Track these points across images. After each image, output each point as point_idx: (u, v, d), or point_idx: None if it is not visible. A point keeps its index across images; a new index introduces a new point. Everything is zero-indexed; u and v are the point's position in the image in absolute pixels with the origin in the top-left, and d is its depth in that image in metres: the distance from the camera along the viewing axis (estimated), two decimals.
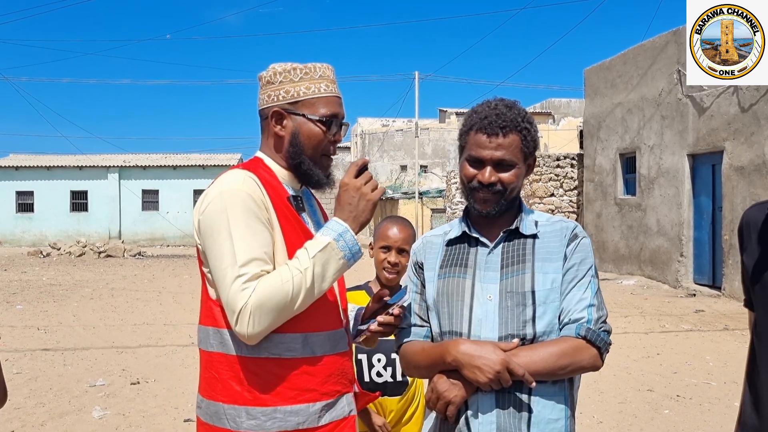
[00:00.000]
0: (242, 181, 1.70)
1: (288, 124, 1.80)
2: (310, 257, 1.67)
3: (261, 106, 1.85)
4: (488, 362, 1.58)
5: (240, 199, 1.66)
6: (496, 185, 1.70)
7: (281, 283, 1.62)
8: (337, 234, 1.71)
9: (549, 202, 18.19)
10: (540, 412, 1.63)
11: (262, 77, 1.85)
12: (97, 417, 5.30)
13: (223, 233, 1.65)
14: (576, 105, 32.54)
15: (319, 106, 1.80)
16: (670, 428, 5.02)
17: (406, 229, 2.55)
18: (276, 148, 1.83)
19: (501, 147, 1.69)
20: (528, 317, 1.65)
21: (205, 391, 1.77)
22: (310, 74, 1.81)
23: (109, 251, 25.87)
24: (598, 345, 1.65)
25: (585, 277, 1.69)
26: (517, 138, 1.70)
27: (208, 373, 1.75)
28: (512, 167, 1.71)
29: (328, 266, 1.69)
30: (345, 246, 1.71)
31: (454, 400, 1.63)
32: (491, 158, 1.69)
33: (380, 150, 34.29)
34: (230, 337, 1.69)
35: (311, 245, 1.70)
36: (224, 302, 1.64)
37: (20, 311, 11.11)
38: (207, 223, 1.69)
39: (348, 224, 1.73)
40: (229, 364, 1.70)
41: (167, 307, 11.66)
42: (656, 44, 14.10)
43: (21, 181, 34.69)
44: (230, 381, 1.70)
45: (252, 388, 1.68)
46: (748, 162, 11.38)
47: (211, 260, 1.67)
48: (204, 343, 1.77)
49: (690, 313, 10.32)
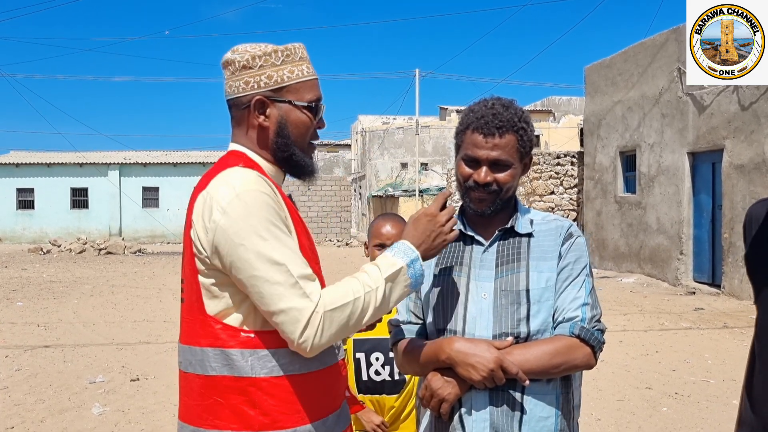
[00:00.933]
0: (255, 181, 1.54)
1: (272, 112, 1.64)
2: (383, 277, 1.57)
3: (235, 94, 1.65)
4: (482, 360, 1.58)
5: (262, 201, 1.52)
6: (491, 185, 1.69)
7: (353, 297, 1.52)
8: (409, 260, 1.61)
9: (549, 200, 18.19)
10: (532, 410, 1.64)
11: (232, 61, 1.64)
12: (97, 413, 5.32)
13: (254, 238, 1.48)
14: (576, 103, 32.51)
15: (305, 91, 1.66)
16: (669, 426, 5.03)
17: (399, 225, 2.54)
18: (259, 141, 1.66)
19: (497, 147, 1.68)
20: (522, 316, 1.66)
21: (203, 420, 1.56)
22: (291, 56, 1.65)
23: (109, 248, 25.89)
24: (591, 344, 1.65)
25: (579, 276, 1.69)
26: (514, 138, 1.70)
27: (208, 399, 1.56)
28: (508, 167, 1.70)
29: (395, 290, 1.59)
30: (414, 274, 1.61)
31: (447, 397, 1.64)
32: (487, 158, 1.69)
33: (380, 148, 34.28)
34: (240, 358, 1.52)
35: (383, 264, 1.59)
36: (279, 311, 1.47)
37: (20, 308, 11.13)
38: (231, 231, 1.49)
39: (419, 253, 1.63)
40: (239, 387, 1.53)
41: (167, 304, 11.67)
42: (656, 42, 14.09)
43: (21, 178, 34.72)
44: (241, 406, 1.53)
45: (269, 411, 1.53)
46: (748, 160, 11.38)
47: (247, 270, 1.49)
48: (196, 366, 1.57)
49: (689, 311, 10.33)
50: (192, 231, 1.58)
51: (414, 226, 1.66)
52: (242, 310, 1.55)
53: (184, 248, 1.64)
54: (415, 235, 1.65)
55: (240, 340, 1.54)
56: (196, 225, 1.56)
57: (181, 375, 1.64)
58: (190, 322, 1.60)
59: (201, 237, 1.54)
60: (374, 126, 36.07)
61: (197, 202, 1.58)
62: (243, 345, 1.54)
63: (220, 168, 1.61)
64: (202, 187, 1.60)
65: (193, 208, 1.59)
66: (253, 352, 1.54)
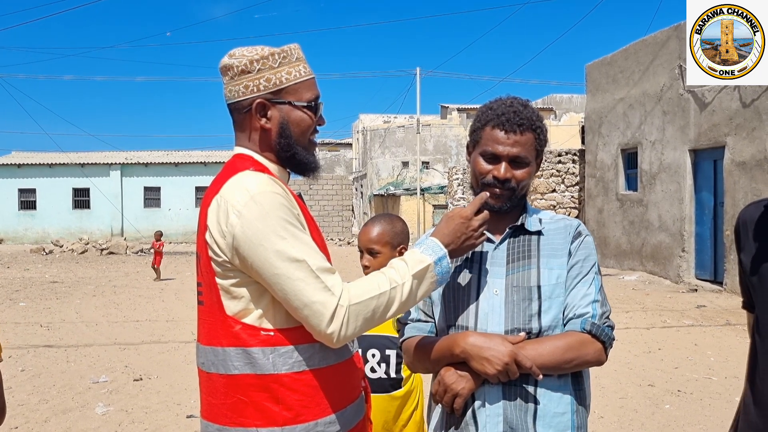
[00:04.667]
0: (268, 183, 1.57)
1: (274, 114, 1.67)
2: (410, 273, 1.60)
3: (235, 98, 1.67)
4: (497, 354, 1.59)
5: (277, 201, 1.55)
6: (510, 181, 1.72)
7: (378, 291, 1.56)
8: (437, 257, 1.64)
9: (551, 198, 18.19)
10: (546, 405, 1.65)
11: (231, 66, 1.66)
12: (100, 413, 5.33)
13: (273, 238, 1.52)
14: (578, 100, 32.49)
15: (303, 91, 1.69)
16: (671, 423, 5.04)
17: (373, 228, 2.49)
18: (262, 143, 1.69)
19: (517, 144, 1.71)
20: (534, 311, 1.67)
21: (228, 419, 1.60)
22: (288, 57, 1.68)
23: (111, 248, 25.94)
24: (602, 339, 1.67)
25: (589, 274, 1.72)
26: (532, 136, 1.73)
27: (232, 398, 1.59)
28: (526, 165, 1.73)
29: (421, 285, 1.62)
30: (440, 271, 1.64)
31: (461, 392, 1.64)
32: (508, 154, 1.71)
33: (382, 146, 34.28)
34: (262, 356, 1.56)
35: (411, 260, 1.63)
36: (303, 305, 1.51)
37: (23, 308, 11.15)
38: (249, 233, 1.52)
39: (447, 251, 1.66)
40: (263, 384, 1.57)
41: (170, 303, 11.70)
42: (657, 39, 14.08)
43: (23, 179, 34.75)
44: (265, 403, 1.57)
45: (292, 406, 1.57)
46: (750, 157, 11.37)
47: (269, 269, 1.52)
48: (219, 366, 1.61)
49: (691, 308, 10.33)
50: (207, 235, 1.60)
51: (447, 224, 1.69)
52: (261, 309, 1.58)
53: (199, 252, 1.66)
54: (446, 234, 1.68)
55: (260, 339, 1.57)
56: (212, 229, 1.58)
57: (203, 375, 1.67)
58: (211, 324, 1.63)
59: (218, 241, 1.57)
60: (375, 125, 36.06)
61: (211, 206, 1.60)
62: (263, 343, 1.57)
63: (231, 172, 1.64)
64: (215, 191, 1.62)
65: (207, 213, 1.61)
66: (274, 349, 1.57)
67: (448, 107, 36.08)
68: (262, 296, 1.58)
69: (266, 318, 1.58)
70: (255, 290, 1.58)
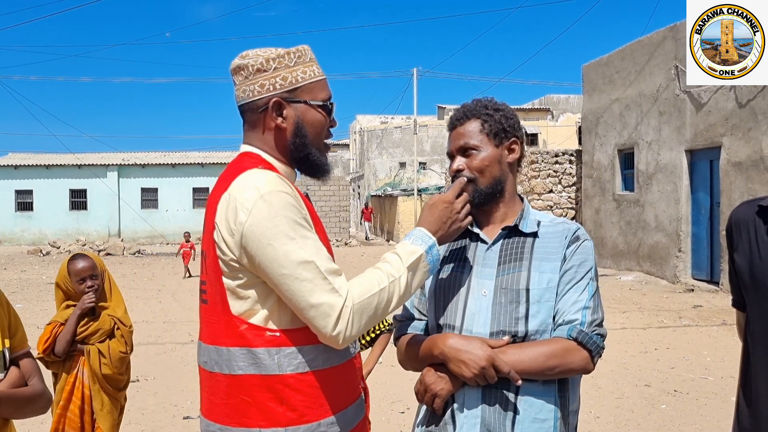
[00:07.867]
0: (277, 182, 1.57)
1: (289, 113, 1.66)
2: (405, 265, 1.61)
3: (250, 98, 1.66)
4: (474, 357, 1.58)
5: (286, 201, 1.55)
6: (463, 171, 1.76)
7: (379, 288, 1.57)
8: (428, 246, 1.65)
9: (548, 199, 18.20)
10: (526, 411, 1.63)
11: (245, 66, 1.66)
12: None
13: (282, 238, 1.51)
14: (574, 101, 32.53)
15: (318, 91, 1.69)
16: (667, 423, 5.05)
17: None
18: (276, 142, 1.68)
19: (460, 135, 1.78)
20: (521, 314, 1.65)
21: (230, 419, 1.60)
22: (302, 57, 1.68)
23: (108, 249, 25.90)
24: (589, 348, 1.63)
25: (583, 280, 1.68)
26: (477, 122, 1.77)
27: (235, 398, 1.59)
28: (474, 150, 1.76)
29: (416, 276, 1.63)
30: (431, 260, 1.66)
31: (440, 393, 1.65)
32: (456, 148, 1.78)
33: (379, 147, 34.27)
34: (267, 356, 1.56)
35: (403, 253, 1.63)
36: (310, 306, 1.51)
37: (20, 310, 11.09)
38: (258, 232, 1.51)
39: (435, 239, 1.67)
40: (267, 385, 1.56)
41: (167, 305, 11.68)
42: (654, 40, 14.11)
43: (20, 180, 34.66)
44: (268, 403, 1.56)
45: (296, 406, 1.57)
46: (746, 157, 11.40)
47: (277, 269, 1.52)
48: (223, 366, 1.60)
49: (688, 309, 10.35)
50: (215, 233, 1.59)
51: (431, 212, 1.71)
52: (267, 309, 1.58)
53: (206, 251, 1.65)
54: (432, 221, 1.69)
55: (266, 339, 1.57)
56: (220, 226, 1.57)
57: (205, 374, 1.66)
58: (215, 323, 1.62)
59: (226, 239, 1.56)
60: (372, 125, 36.07)
61: (220, 205, 1.59)
62: (269, 344, 1.57)
63: (238, 170, 1.62)
64: (223, 190, 1.61)
65: (215, 211, 1.60)
66: (279, 350, 1.57)
67: (446, 108, 36.08)
68: (268, 297, 1.58)
69: (272, 318, 1.58)
70: (261, 290, 1.57)
